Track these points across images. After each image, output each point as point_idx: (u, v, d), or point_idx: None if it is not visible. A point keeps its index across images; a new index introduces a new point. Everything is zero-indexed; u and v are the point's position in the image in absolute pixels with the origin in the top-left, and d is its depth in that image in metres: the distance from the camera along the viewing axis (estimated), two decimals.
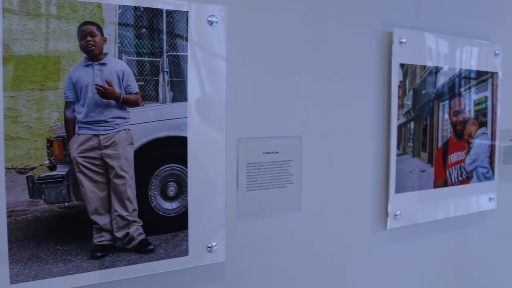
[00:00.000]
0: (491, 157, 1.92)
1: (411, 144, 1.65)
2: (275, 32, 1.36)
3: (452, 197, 1.80)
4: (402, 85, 1.60)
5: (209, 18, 1.21)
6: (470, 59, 1.82)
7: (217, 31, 1.22)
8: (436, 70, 1.69)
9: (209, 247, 1.25)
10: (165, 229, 1.19)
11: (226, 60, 1.25)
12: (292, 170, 1.40)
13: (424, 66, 1.66)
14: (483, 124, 1.88)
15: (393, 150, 1.60)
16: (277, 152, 1.37)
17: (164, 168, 1.18)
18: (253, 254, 1.37)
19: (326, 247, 1.52)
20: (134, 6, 1.11)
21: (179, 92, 1.17)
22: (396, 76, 1.59)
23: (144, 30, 1.13)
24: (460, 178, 1.82)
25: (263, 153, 1.34)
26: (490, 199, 1.94)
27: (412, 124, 1.64)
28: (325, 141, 1.48)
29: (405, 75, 1.61)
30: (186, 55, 1.18)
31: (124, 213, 1.13)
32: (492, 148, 1.91)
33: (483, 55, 1.86)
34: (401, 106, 1.60)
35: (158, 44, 1.15)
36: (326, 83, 1.47)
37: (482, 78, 1.86)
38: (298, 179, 1.41)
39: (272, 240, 1.40)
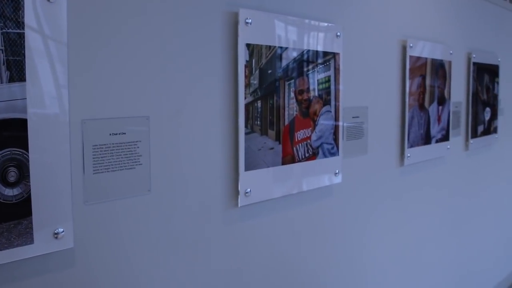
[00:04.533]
0: (335, 133, 2.13)
1: (259, 122, 1.78)
2: (119, 11, 1.40)
3: (300, 173, 1.98)
4: (248, 65, 1.72)
5: None
6: (314, 40, 2.00)
7: (57, 8, 1.23)
8: (281, 51, 1.85)
9: (56, 233, 1.26)
10: (7, 217, 1.18)
11: (68, 38, 1.26)
12: (140, 151, 1.45)
13: (270, 46, 1.81)
14: (327, 102, 2.08)
15: (241, 129, 1.72)
16: (124, 133, 1.41)
17: (3, 153, 1.17)
18: (103, 238, 1.40)
19: (178, 227, 1.60)
20: None
21: (16, 72, 1.17)
22: (243, 56, 1.71)
23: None
24: (307, 155, 2.00)
25: (110, 134, 1.38)
26: (335, 173, 2.16)
27: (259, 103, 1.77)
28: (173, 121, 1.55)
29: (251, 55, 1.73)
30: (24, 33, 1.17)
31: None
32: (336, 125, 2.13)
33: (325, 37, 2.06)
34: (248, 85, 1.73)
35: None
36: (173, 63, 1.54)
37: (325, 58, 2.05)
38: (147, 160, 1.47)
39: (122, 222, 1.45)
